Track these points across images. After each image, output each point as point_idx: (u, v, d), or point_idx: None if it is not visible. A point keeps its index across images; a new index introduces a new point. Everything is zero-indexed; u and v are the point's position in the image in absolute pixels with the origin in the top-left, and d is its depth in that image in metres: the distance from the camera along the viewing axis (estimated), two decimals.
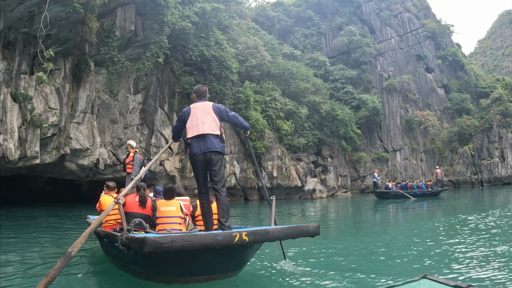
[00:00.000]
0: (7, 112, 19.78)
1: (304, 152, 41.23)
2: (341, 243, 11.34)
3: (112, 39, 25.01)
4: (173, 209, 7.38)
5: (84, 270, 7.39)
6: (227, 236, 5.44)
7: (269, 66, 39.11)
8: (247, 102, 33.82)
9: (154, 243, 4.99)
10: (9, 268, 7.84)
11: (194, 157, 6.60)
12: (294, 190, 39.88)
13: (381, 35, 59.60)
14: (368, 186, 51.73)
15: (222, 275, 6.24)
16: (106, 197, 8.90)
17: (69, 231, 14.84)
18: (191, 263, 5.84)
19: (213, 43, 31.43)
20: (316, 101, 41.68)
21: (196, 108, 6.78)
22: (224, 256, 5.96)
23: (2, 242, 10.55)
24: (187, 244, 5.17)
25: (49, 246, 10.94)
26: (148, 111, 29.60)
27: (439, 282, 3.25)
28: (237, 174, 34.85)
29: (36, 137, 21.18)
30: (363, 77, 53.41)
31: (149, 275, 6.31)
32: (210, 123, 6.62)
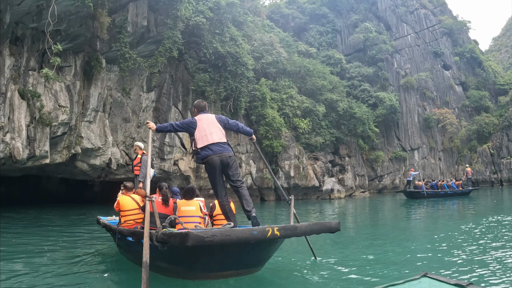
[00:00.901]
0: (14, 109, 18.74)
1: (321, 151, 39.82)
2: (383, 251, 10.15)
3: (123, 35, 23.93)
4: (193, 209, 7.49)
5: (109, 270, 7.51)
6: (261, 230, 5.69)
7: (285, 64, 37.77)
8: (263, 100, 32.53)
9: (197, 237, 5.18)
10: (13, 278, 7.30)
11: (209, 160, 6.82)
12: (312, 190, 38.49)
13: (397, 32, 57.93)
14: (386, 186, 50.32)
15: (248, 270, 6.52)
16: (124, 198, 8.85)
17: (79, 234, 13.81)
18: (222, 258, 6.06)
19: (228, 39, 30.22)
20: (333, 99, 40.26)
21: (201, 120, 7.09)
22: (252, 251, 6.26)
23: (5, 246, 10.16)
24: (226, 238, 5.39)
25: (57, 250, 10.22)
26: (162, 109, 28.45)
27: (439, 280, 3.23)
28: (253, 174, 33.58)
29: (45, 136, 20.09)
30: (380, 74, 51.81)
31: (178, 272, 6.50)
32: (217, 132, 6.97)
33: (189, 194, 7.63)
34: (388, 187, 50.81)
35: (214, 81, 29.54)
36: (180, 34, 25.94)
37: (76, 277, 7.18)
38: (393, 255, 9.24)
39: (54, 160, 21.87)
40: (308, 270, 7.66)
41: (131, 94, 26.45)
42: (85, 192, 33.57)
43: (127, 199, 8.82)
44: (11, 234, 12.85)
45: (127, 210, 8.68)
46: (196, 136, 6.97)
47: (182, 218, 7.33)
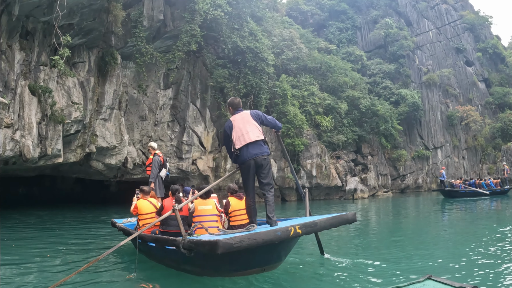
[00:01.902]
0: (24, 106, 17.55)
1: (343, 150, 38.15)
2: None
3: (139, 29, 22.69)
4: (210, 208, 7.59)
5: (133, 270, 7.50)
6: (284, 231, 5.83)
7: (305, 60, 36.19)
8: (284, 97, 31.03)
9: (226, 245, 5.28)
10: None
11: (245, 163, 6.87)
12: (334, 190, 36.89)
13: (418, 27, 55.85)
14: (409, 185, 48.38)
15: (271, 266, 6.79)
16: (142, 201, 8.88)
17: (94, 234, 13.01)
18: (249, 258, 6.26)
19: (247, 34, 28.78)
20: (355, 96, 38.54)
21: (236, 120, 7.07)
22: (275, 249, 6.46)
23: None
24: (253, 242, 5.51)
25: (72, 253, 9.88)
26: (179, 107, 27.11)
27: (443, 283, 3.19)
28: (274, 173, 32.06)
29: (58, 134, 18.87)
30: (401, 71, 49.78)
31: (203, 272, 6.72)
32: (254, 130, 6.93)
33: (205, 194, 7.70)
34: (410, 187, 48.90)
35: (234, 77, 28.13)
36: (198, 28, 24.59)
37: (100, 277, 7.16)
38: (409, 258, 8.80)
39: (68, 159, 20.68)
40: (314, 267, 7.91)
41: (147, 91, 25.21)
42: (101, 193, 32.41)
43: (145, 203, 8.85)
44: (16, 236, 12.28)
45: (145, 213, 8.71)
46: (234, 137, 6.98)
47: (200, 217, 7.51)
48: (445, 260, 8.30)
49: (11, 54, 17.47)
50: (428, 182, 51.31)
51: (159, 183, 10.91)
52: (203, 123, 28.02)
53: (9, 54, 17.38)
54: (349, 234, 13.17)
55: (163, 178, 11.09)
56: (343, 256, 8.58)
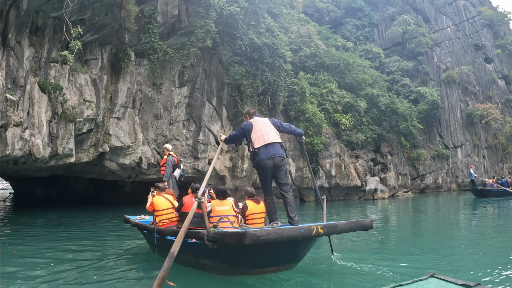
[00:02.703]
0: (34, 103, 16.59)
1: (362, 149, 36.78)
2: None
3: (153, 25, 21.67)
4: (227, 208, 7.56)
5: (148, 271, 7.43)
6: (307, 229, 6.03)
7: (323, 57, 34.88)
8: (303, 95, 29.78)
9: (254, 236, 5.47)
10: None
11: (263, 163, 7.11)
12: (353, 190, 35.55)
13: (436, 24, 54.18)
14: (428, 185, 46.81)
15: (288, 266, 6.84)
16: (158, 198, 8.78)
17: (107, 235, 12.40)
18: (267, 255, 6.37)
19: (264, 30, 27.60)
20: (374, 93, 37.10)
21: (257, 122, 7.40)
22: (294, 248, 6.58)
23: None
24: (278, 236, 5.69)
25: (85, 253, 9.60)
26: (195, 105, 26.02)
27: (447, 281, 3.17)
28: (292, 173, 30.83)
29: (69, 133, 17.88)
30: (420, 68, 48.17)
31: (222, 269, 6.70)
32: (273, 133, 7.27)
33: (222, 195, 7.74)
34: (430, 187, 47.38)
35: (251, 75, 26.96)
36: (214, 23, 23.52)
37: (117, 280, 6.94)
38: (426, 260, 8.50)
39: (80, 159, 19.71)
40: (324, 265, 8.02)
41: (162, 89, 24.19)
42: (116, 193, 31.49)
43: (161, 199, 8.75)
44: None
45: (161, 210, 8.57)
46: (253, 137, 7.23)
47: (218, 217, 7.40)
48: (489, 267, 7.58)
49: (20, 50, 16.53)
50: (448, 182, 49.73)
51: (172, 183, 11.04)
52: (219, 122, 26.92)
53: (18, 50, 16.44)
54: (388, 238, 12.00)
55: (176, 178, 11.24)
56: (362, 257, 8.64)
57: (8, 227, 15.19)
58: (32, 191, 37.25)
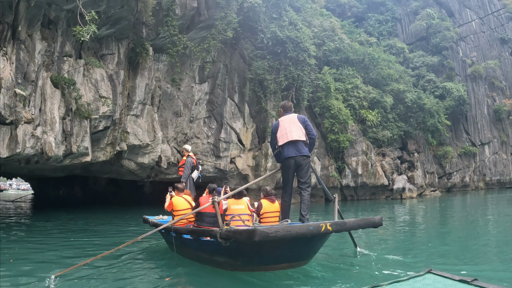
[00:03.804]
0: (46, 99, 15.33)
1: (388, 146, 34.96)
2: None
3: (171, 17, 20.26)
4: (242, 207, 7.56)
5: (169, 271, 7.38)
6: (316, 226, 6.00)
7: (347, 51, 33.18)
8: (328, 90, 28.17)
9: (263, 233, 5.52)
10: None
11: (286, 161, 7.23)
12: (380, 189, 33.78)
13: (460, 18, 51.93)
14: (455, 184, 44.69)
15: (300, 263, 6.79)
16: (177, 198, 8.69)
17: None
18: (279, 252, 6.36)
19: (286, 23, 26.11)
20: (400, 89, 35.28)
21: (283, 120, 7.48)
22: (305, 245, 6.56)
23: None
24: (287, 233, 5.73)
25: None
26: (216, 102, 24.60)
27: (444, 276, 3.15)
28: (318, 172, 29.23)
29: (84, 130, 16.59)
30: (445, 63, 46.06)
31: (235, 265, 6.68)
32: (297, 131, 7.26)
33: (238, 194, 7.70)
34: (457, 186, 45.29)
35: (274, 69, 25.49)
36: (235, 14, 22.11)
37: (135, 280, 6.78)
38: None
39: (97, 158, 18.42)
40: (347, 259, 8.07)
41: (182, 85, 22.85)
42: (135, 194, 30.30)
43: (180, 200, 8.69)
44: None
45: (180, 210, 8.50)
46: (278, 135, 7.30)
47: (231, 216, 7.39)
48: None
49: (31, 44, 15.28)
50: (475, 180, 47.58)
51: (190, 184, 10.82)
52: (241, 119, 25.46)
53: (29, 44, 15.19)
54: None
55: (194, 180, 11.04)
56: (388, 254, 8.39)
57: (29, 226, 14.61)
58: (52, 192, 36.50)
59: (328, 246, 8.80)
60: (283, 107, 7.73)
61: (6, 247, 9.62)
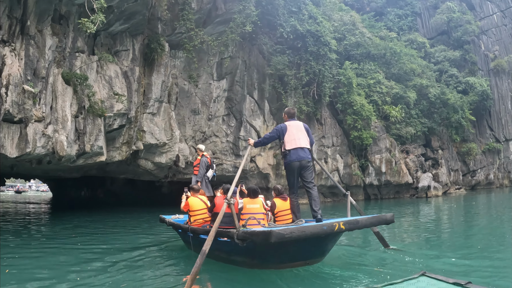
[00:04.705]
0: (57, 97, 14.33)
1: (412, 143, 33.42)
2: None
3: (188, 11, 19.16)
4: (258, 207, 7.62)
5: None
6: (329, 225, 6.15)
7: (369, 46, 31.73)
8: (349, 86, 26.80)
9: (279, 235, 5.62)
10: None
11: (292, 164, 7.54)
12: (404, 188, 32.28)
13: (481, 11, 49.91)
14: (479, 181, 42.86)
15: (314, 260, 6.93)
16: (193, 199, 8.79)
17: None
18: (295, 250, 6.50)
19: (306, 16, 24.85)
20: (422, 84, 33.71)
21: (291, 126, 7.78)
22: (320, 243, 6.70)
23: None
24: (302, 233, 5.86)
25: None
26: (235, 99, 23.44)
27: (438, 279, 3.09)
28: (340, 170, 27.87)
29: (98, 129, 15.55)
30: (467, 58, 44.19)
31: (252, 264, 6.83)
32: (304, 138, 7.70)
33: (253, 194, 7.76)
34: (481, 183, 43.44)
35: (294, 65, 24.26)
36: (253, 7, 20.94)
37: (156, 277, 6.77)
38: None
39: (112, 158, 17.37)
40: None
41: (199, 82, 21.75)
42: (153, 194, 29.30)
43: (196, 200, 8.78)
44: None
45: (196, 210, 8.61)
46: (286, 139, 7.62)
47: (249, 215, 7.41)
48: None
49: (41, 39, 14.29)
50: (500, 177, 45.68)
51: (205, 183, 10.85)
52: (261, 116, 24.26)
53: (38, 39, 14.20)
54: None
55: (209, 179, 11.05)
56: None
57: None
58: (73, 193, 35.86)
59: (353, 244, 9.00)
60: (287, 114, 8.05)
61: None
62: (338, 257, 7.95)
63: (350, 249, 9.20)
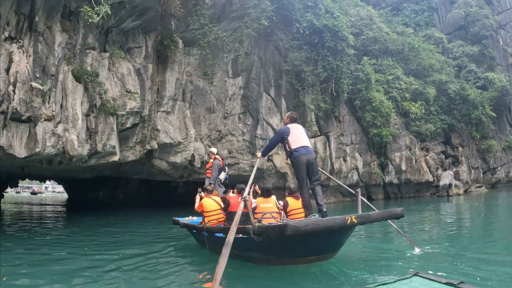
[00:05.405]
0: (67, 95, 13.57)
1: (432, 141, 32.17)
2: None
3: (201, 6, 18.32)
4: (271, 206, 7.78)
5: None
6: (342, 219, 6.15)
7: (386, 41, 30.56)
8: (368, 82, 25.69)
9: (294, 227, 5.71)
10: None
11: (300, 159, 7.48)
12: (425, 186, 31.05)
13: (499, 5, 48.31)
14: (500, 179, 41.36)
15: (327, 255, 6.95)
16: (207, 200, 8.77)
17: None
18: (308, 245, 6.56)
19: (323, 11, 23.86)
20: (442, 80, 32.43)
21: (294, 128, 7.78)
22: (332, 238, 6.68)
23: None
24: (316, 227, 5.91)
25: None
26: (251, 97, 22.52)
27: (430, 279, 3.07)
28: (359, 169, 26.77)
29: (110, 127, 14.77)
30: (486, 53, 42.67)
31: (267, 260, 6.86)
32: (307, 139, 7.78)
33: (267, 193, 7.89)
34: (502, 181, 41.90)
35: (311, 61, 23.27)
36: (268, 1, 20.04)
37: (172, 275, 6.79)
38: None
39: (126, 157, 16.59)
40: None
41: (214, 80, 20.88)
42: (168, 194, 28.52)
43: (210, 201, 8.75)
44: None
45: (210, 211, 8.60)
46: (290, 139, 7.63)
47: (262, 213, 7.46)
48: None
49: (50, 36, 13.54)
50: None
51: (218, 185, 10.89)
52: (278, 114, 23.32)
53: (47, 36, 13.45)
54: None
55: (221, 181, 11.10)
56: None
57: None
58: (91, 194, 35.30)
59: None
60: (290, 118, 8.08)
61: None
62: (354, 255, 7.97)
63: (372, 245, 9.12)
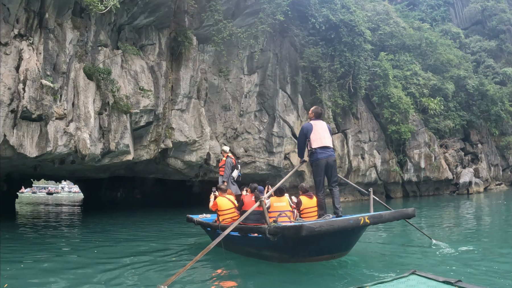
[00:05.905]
0: (79, 93, 13.02)
1: (451, 137, 31.13)
2: None
3: (215, 1, 17.71)
4: (284, 204, 7.71)
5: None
6: (355, 219, 6.25)
7: (403, 36, 29.60)
8: (386, 78, 24.82)
9: (309, 228, 5.78)
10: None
11: (319, 161, 7.50)
12: (444, 184, 30.05)
13: None
14: None
15: (340, 254, 6.97)
16: (221, 199, 8.73)
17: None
18: (322, 244, 6.56)
19: (339, 6, 23.07)
20: (460, 75, 31.37)
21: (316, 125, 7.70)
22: (345, 237, 6.73)
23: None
24: (330, 227, 5.98)
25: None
26: (267, 94, 21.82)
27: (428, 278, 3.03)
28: (378, 167, 25.92)
29: (123, 126, 14.22)
30: (503, 48, 41.32)
31: (281, 258, 6.88)
32: (329, 138, 7.69)
33: (280, 192, 7.77)
34: None
35: (328, 57, 22.52)
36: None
37: (189, 272, 6.58)
38: None
39: (140, 156, 16.03)
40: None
41: (230, 77, 20.27)
42: (183, 194, 27.97)
43: (224, 200, 8.72)
44: None
45: (224, 209, 8.56)
46: (312, 138, 7.59)
47: (276, 212, 7.43)
48: None
49: (61, 33, 13.00)
50: None
51: (231, 183, 10.87)
52: (295, 111, 22.60)
53: (58, 33, 12.91)
54: None
55: (234, 179, 11.07)
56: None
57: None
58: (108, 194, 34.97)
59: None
60: (315, 113, 7.89)
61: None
62: (369, 253, 7.97)
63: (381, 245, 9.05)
